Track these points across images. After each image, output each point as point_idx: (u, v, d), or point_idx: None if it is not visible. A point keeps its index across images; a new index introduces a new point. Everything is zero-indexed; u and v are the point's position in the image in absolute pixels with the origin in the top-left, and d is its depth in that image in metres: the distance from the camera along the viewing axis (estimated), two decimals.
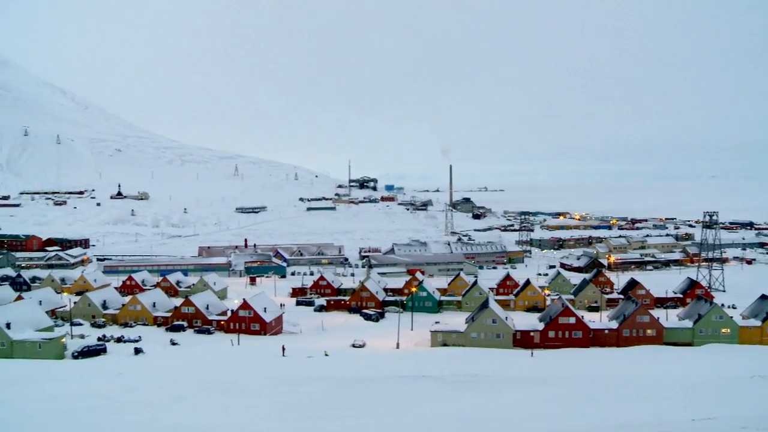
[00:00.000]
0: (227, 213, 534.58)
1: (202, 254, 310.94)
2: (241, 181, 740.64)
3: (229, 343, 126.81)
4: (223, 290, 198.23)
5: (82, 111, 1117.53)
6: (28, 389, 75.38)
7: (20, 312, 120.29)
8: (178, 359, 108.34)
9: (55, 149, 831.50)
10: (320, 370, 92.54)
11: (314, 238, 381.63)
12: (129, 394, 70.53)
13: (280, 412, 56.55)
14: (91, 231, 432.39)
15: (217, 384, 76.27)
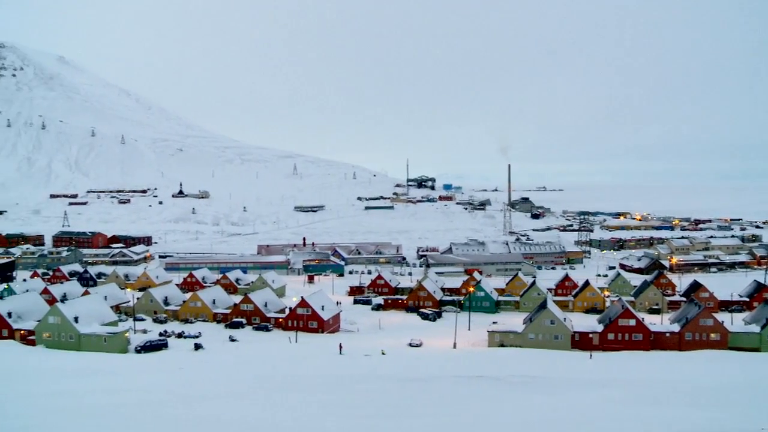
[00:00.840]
0: (286, 212, 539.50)
1: (261, 252, 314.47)
2: (300, 180, 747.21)
3: (286, 341, 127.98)
4: (281, 288, 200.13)
5: (145, 112, 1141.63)
6: (95, 381, 77.31)
7: (87, 306, 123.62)
8: (237, 355, 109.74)
9: (120, 149, 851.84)
10: (377, 368, 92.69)
11: (372, 237, 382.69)
12: (189, 388, 71.76)
13: (336, 410, 56.81)
14: (154, 229, 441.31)
15: (274, 381, 77.08)
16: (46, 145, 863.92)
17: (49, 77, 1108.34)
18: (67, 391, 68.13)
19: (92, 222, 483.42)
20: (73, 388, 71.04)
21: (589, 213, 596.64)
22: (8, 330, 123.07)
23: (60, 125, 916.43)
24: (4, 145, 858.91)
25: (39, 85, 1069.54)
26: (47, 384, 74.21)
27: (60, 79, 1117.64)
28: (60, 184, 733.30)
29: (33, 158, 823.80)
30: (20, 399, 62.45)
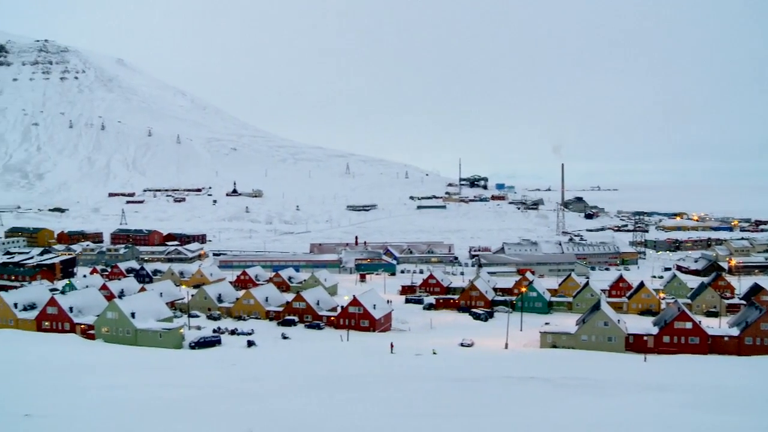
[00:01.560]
0: (338, 210, 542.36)
1: (314, 251, 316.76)
2: (352, 180, 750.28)
3: (338, 339, 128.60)
4: (333, 286, 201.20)
5: (200, 112, 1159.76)
6: (150, 375, 78.85)
7: (143, 303, 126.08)
8: (289, 353, 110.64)
9: (175, 149, 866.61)
10: (428, 368, 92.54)
11: (424, 237, 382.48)
12: (241, 384, 72.63)
13: (387, 409, 56.90)
14: (208, 227, 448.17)
15: (325, 378, 77.57)
16: (106, 145, 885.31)
17: (109, 79, 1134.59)
18: (124, 384, 69.60)
19: (148, 220, 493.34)
20: (130, 381, 72.55)
21: (645, 213, 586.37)
22: (70, 324, 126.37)
23: (118, 126, 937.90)
24: (66, 146, 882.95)
25: (99, 87, 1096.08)
26: (105, 377, 75.93)
27: (119, 81, 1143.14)
28: (118, 183, 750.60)
29: (93, 158, 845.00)
30: (80, 391, 64.06)
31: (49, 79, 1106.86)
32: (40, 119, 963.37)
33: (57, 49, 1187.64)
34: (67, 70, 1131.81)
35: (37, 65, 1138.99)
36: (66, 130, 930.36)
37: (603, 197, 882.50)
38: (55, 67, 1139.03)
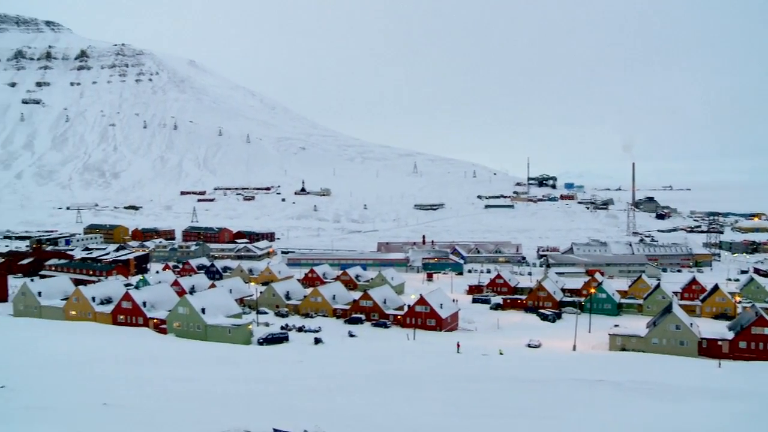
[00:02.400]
0: (406, 210, 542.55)
1: (381, 249, 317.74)
2: (419, 179, 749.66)
3: (404, 338, 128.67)
4: (400, 285, 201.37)
5: (269, 112, 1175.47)
6: (220, 370, 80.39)
7: (213, 299, 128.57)
8: (355, 351, 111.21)
9: (245, 148, 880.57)
10: (495, 368, 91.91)
11: (491, 236, 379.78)
12: (308, 381, 73.40)
13: (454, 409, 56.79)
14: (277, 225, 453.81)
15: (392, 377, 77.76)
16: (178, 144, 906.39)
17: (181, 80, 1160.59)
18: (195, 377, 71.16)
19: (219, 218, 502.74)
20: (200, 375, 74.13)
21: (719, 213, 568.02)
22: (143, 318, 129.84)
23: (190, 126, 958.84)
24: (141, 145, 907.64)
25: (172, 88, 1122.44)
26: (177, 370, 77.72)
27: (190, 82, 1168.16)
28: (189, 181, 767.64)
29: (166, 157, 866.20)
30: (153, 382, 65.75)
31: (125, 82, 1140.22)
32: (117, 120, 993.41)
33: (133, 53, 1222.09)
34: (141, 73, 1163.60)
35: (114, 68, 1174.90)
36: (140, 131, 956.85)
37: (675, 197, 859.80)
38: (131, 70, 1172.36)
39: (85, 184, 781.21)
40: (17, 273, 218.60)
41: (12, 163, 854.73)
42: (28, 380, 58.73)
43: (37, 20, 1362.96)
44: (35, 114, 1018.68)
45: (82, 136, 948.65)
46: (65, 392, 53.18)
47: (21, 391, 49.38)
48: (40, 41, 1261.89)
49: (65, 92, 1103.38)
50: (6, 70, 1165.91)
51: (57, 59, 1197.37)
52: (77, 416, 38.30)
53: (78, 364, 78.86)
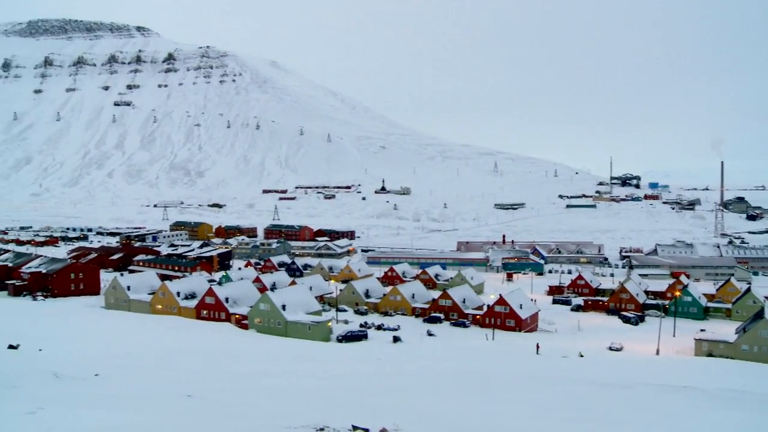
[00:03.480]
0: (486, 209, 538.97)
1: (461, 249, 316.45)
2: (500, 178, 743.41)
3: (483, 338, 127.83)
4: (479, 285, 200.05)
5: (350, 111, 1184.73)
6: (299, 366, 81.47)
7: (294, 296, 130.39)
8: (434, 350, 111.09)
9: (326, 147, 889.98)
10: (575, 371, 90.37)
11: (573, 236, 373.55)
12: (386, 379, 73.65)
13: (533, 411, 56.07)
14: (357, 223, 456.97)
15: (470, 377, 77.38)
16: (260, 143, 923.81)
17: (263, 81, 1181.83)
18: (275, 373, 72.32)
19: (300, 216, 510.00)
20: (280, 370, 75.29)
21: None
22: (225, 313, 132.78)
23: (272, 125, 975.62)
24: (224, 145, 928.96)
25: (254, 88, 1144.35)
26: (258, 365, 79.21)
27: (272, 83, 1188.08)
28: (271, 180, 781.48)
29: (248, 156, 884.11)
30: (235, 376, 67.19)
31: (210, 83, 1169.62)
32: (202, 120, 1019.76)
33: (217, 54, 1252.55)
34: (225, 74, 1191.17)
35: (199, 70, 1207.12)
36: (224, 130, 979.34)
37: None
38: (215, 71, 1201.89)
39: (172, 182, 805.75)
40: (108, 267, 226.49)
41: (104, 162, 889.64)
42: (118, 370, 60.86)
43: (128, 26, 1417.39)
44: (126, 115, 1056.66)
45: (168, 136, 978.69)
46: (152, 383, 54.88)
47: (112, 379, 51.22)
48: (131, 46, 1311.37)
49: (153, 94, 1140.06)
50: (100, 74, 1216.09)
51: (146, 62, 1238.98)
52: (163, 406, 39.48)
53: (164, 356, 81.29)
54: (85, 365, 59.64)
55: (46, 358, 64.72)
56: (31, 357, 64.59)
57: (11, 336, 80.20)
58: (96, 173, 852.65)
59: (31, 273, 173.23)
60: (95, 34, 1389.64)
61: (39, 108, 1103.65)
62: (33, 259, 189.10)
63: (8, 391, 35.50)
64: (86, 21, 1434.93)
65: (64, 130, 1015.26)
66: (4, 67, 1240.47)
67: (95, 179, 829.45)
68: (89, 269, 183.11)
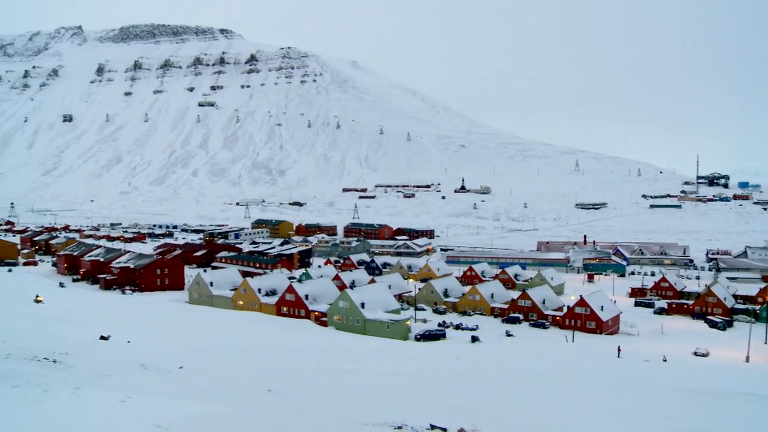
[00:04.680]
0: (567, 208, 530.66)
1: (541, 249, 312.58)
2: (581, 177, 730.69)
3: (563, 339, 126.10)
4: (559, 286, 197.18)
5: (429, 110, 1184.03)
6: (378, 364, 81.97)
7: (373, 294, 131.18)
8: (513, 350, 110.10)
9: (406, 146, 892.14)
10: (658, 375, 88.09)
11: (656, 237, 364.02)
12: (465, 379, 73.44)
13: (613, 415, 55.02)
14: (436, 222, 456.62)
15: (550, 378, 76.44)
16: (340, 142, 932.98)
17: (343, 81, 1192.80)
18: (354, 370, 73.02)
19: (379, 215, 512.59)
20: (359, 367, 75.95)
21: None
22: (305, 310, 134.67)
23: (352, 124, 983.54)
24: (305, 144, 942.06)
25: (335, 88, 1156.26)
26: (337, 362, 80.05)
27: (352, 82, 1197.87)
28: (351, 178, 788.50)
29: (329, 155, 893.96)
30: (315, 372, 68.14)
31: (291, 83, 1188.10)
32: (283, 120, 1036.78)
33: (298, 55, 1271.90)
34: (306, 74, 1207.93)
35: (280, 71, 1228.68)
36: (305, 130, 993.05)
37: None
38: (296, 72, 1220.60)
39: (253, 181, 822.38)
40: (192, 264, 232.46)
41: (189, 161, 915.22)
42: (201, 363, 62.55)
43: (213, 29, 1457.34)
44: (209, 115, 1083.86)
45: (251, 135, 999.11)
46: (233, 377, 56.17)
47: (195, 372, 52.70)
48: (215, 48, 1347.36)
49: (236, 94, 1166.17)
50: (186, 76, 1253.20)
51: (229, 64, 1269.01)
52: (244, 400, 40.39)
53: (245, 351, 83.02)
54: (170, 358, 61.52)
55: (134, 349, 67.02)
56: (121, 348, 66.99)
57: (102, 327, 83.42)
58: (181, 172, 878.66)
59: (120, 268, 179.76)
60: (181, 38, 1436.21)
61: (129, 110, 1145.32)
62: (122, 254, 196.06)
63: (101, 380, 37.01)
64: (173, 25, 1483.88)
65: (151, 131, 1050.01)
66: (98, 71, 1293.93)
67: (180, 178, 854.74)
68: (174, 265, 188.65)
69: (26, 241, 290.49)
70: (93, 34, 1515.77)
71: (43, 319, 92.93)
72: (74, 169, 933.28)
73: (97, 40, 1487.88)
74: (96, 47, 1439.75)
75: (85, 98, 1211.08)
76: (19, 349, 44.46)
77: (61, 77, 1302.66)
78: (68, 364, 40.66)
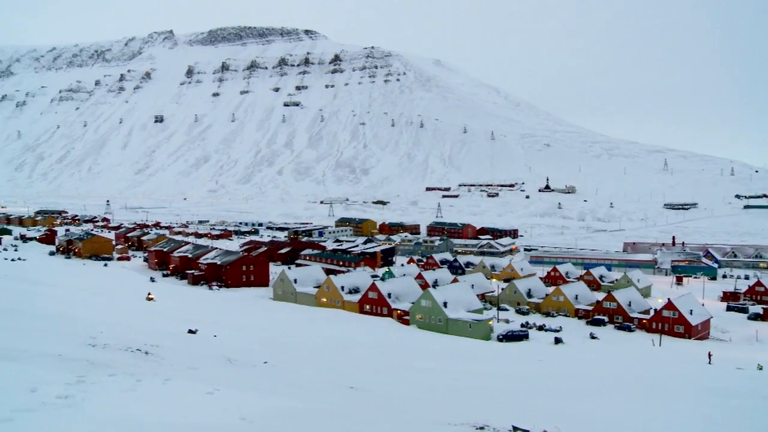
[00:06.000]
0: (654, 209, 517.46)
1: (627, 250, 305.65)
2: (670, 176, 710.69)
3: (649, 343, 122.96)
4: (646, 288, 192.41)
5: (513, 108, 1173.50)
6: (459, 363, 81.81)
7: (455, 293, 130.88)
8: (597, 353, 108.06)
9: (489, 145, 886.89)
10: (753, 385, 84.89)
11: (751, 239, 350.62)
12: (547, 381, 72.52)
13: (705, 425, 53.33)
14: (519, 222, 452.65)
15: (636, 383, 74.66)
16: (424, 141, 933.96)
17: (427, 80, 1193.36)
18: (436, 369, 73.02)
19: (462, 214, 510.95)
20: (441, 367, 75.92)
21: None
22: (388, 309, 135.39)
23: (435, 123, 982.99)
24: (389, 143, 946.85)
25: (418, 87, 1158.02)
26: (419, 361, 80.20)
27: (436, 81, 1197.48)
28: (435, 177, 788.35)
29: (412, 154, 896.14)
30: (397, 370, 68.47)
31: (375, 82, 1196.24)
32: (366, 119, 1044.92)
33: (381, 55, 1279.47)
34: (390, 74, 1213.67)
35: (364, 70, 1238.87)
36: (388, 129, 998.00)
37: None
38: (380, 71, 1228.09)
39: (337, 179, 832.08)
40: (277, 261, 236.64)
41: (275, 160, 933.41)
42: (285, 358, 63.67)
43: (297, 30, 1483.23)
44: (294, 115, 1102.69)
45: (335, 134, 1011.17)
46: (316, 373, 56.98)
47: (279, 367, 53.67)
48: (299, 49, 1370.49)
49: (321, 94, 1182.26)
50: (272, 76, 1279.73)
51: (314, 64, 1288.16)
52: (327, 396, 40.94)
53: (327, 348, 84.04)
54: (255, 352, 62.81)
55: (220, 344, 68.69)
56: (207, 342, 68.80)
57: (190, 321, 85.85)
58: (266, 171, 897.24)
59: (208, 264, 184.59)
60: (267, 39, 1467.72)
61: (216, 110, 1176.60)
62: (209, 251, 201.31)
63: (190, 372, 38.18)
64: (259, 27, 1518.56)
65: (238, 130, 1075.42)
66: (188, 73, 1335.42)
67: (266, 176, 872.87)
68: (259, 262, 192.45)
69: (120, 237, 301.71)
70: (183, 38, 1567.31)
71: (136, 312, 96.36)
72: (164, 168, 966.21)
73: (186, 43, 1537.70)
74: (186, 50, 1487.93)
75: (176, 99, 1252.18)
76: (114, 340, 46.26)
77: (154, 80, 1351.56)
78: (159, 356, 42.08)
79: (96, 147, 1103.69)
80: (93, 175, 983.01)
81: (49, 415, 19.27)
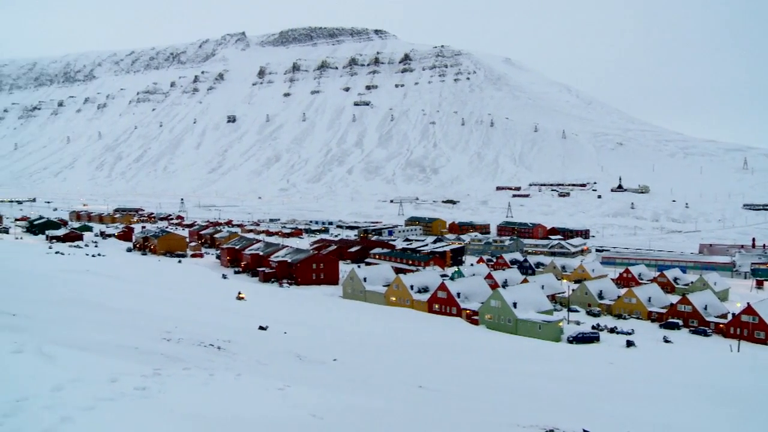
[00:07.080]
0: (733, 209, 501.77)
1: (703, 252, 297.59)
2: (750, 176, 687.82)
3: (727, 348, 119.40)
4: (723, 291, 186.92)
5: (585, 107, 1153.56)
6: (528, 365, 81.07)
7: (525, 294, 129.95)
8: (671, 357, 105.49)
9: (561, 144, 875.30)
10: None
11: None
12: (619, 385, 71.33)
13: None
14: (591, 222, 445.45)
15: (712, 390, 72.68)
16: (494, 140, 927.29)
17: (497, 78, 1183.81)
18: (505, 370, 72.54)
19: (533, 214, 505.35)
20: (510, 368, 75.36)
21: None
22: (457, 308, 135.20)
23: (506, 122, 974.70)
24: (459, 142, 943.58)
25: (488, 86, 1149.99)
26: (488, 361, 79.84)
27: (506, 80, 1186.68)
28: (505, 177, 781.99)
29: (482, 153, 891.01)
30: (465, 370, 68.30)
31: (444, 81, 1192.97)
32: (436, 118, 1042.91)
33: (451, 53, 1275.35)
34: (459, 72, 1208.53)
35: (434, 69, 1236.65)
36: (458, 128, 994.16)
37: None
38: (450, 70, 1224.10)
39: (407, 178, 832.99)
40: (346, 259, 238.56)
41: (345, 159, 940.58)
42: (354, 356, 64.15)
43: (367, 30, 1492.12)
44: (364, 115, 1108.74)
45: (404, 134, 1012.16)
46: (385, 371, 57.25)
47: (349, 365, 54.09)
48: (369, 49, 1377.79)
49: (390, 94, 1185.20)
50: (342, 76, 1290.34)
51: (384, 64, 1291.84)
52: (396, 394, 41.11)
53: (396, 346, 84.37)
54: (325, 350, 63.46)
55: (291, 340, 69.60)
56: (278, 339, 69.80)
57: (261, 318, 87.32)
58: (337, 170, 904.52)
59: (278, 262, 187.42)
60: (337, 39, 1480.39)
61: (287, 110, 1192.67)
62: (280, 249, 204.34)
63: (261, 367, 38.89)
64: (329, 27, 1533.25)
65: (308, 130, 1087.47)
66: (260, 74, 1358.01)
67: (336, 175, 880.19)
68: (329, 260, 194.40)
69: (193, 234, 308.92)
70: (255, 39, 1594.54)
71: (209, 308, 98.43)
72: (236, 167, 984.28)
73: (258, 44, 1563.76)
74: (257, 51, 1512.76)
75: (247, 100, 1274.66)
76: (187, 335, 47.44)
77: (226, 81, 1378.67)
78: (231, 351, 42.95)
79: (171, 147, 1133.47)
80: (168, 174, 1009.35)
81: (128, 406, 19.98)
